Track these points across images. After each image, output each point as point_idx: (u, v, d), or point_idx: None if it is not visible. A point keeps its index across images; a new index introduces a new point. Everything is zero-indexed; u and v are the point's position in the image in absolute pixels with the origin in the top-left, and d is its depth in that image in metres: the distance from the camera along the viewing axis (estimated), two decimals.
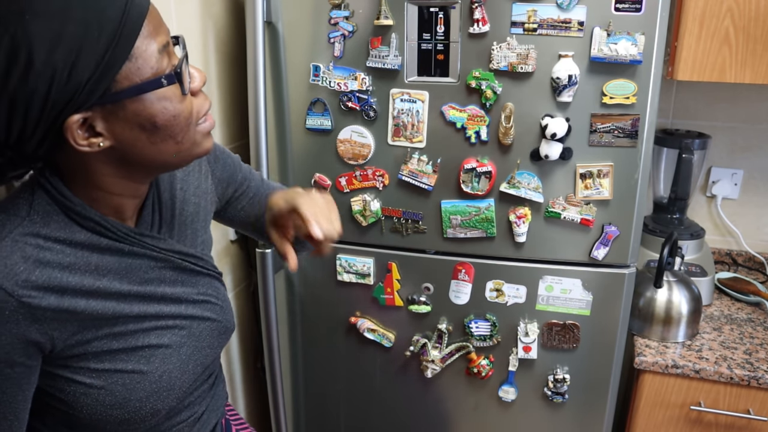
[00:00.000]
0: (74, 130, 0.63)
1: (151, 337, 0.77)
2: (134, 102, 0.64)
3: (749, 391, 1.30)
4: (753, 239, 1.78)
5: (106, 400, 0.74)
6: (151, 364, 0.76)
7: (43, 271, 0.67)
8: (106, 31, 0.60)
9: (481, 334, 1.40)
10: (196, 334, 0.83)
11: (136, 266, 0.76)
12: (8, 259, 0.65)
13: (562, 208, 1.28)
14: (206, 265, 0.86)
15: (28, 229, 0.67)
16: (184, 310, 0.81)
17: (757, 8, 1.26)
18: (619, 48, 1.15)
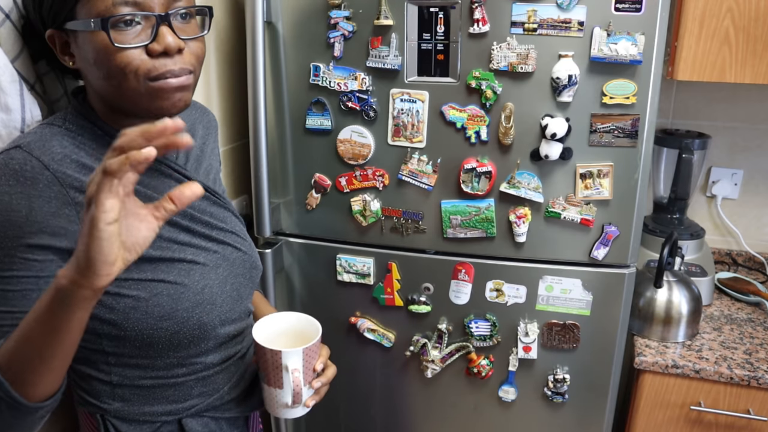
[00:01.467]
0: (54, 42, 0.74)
1: (187, 252, 0.81)
2: (81, 35, 0.71)
3: (749, 391, 1.30)
4: (753, 239, 1.78)
5: (155, 312, 0.77)
6: (191, 278, 0.80)
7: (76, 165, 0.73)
8: None
9: (481, 334, 1.40)
10: (230, 260, 0.88)
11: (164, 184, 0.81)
12: (46, 141, 0.72)
13: (562, 208, 1.28)
14: (229, 206, 0.92)
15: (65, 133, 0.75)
16: (215, 235, 0.86)
17: (757, 8, 1.26)
18: (619, 48, 1.15)
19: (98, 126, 0.77)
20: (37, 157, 0.70)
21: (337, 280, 1.46)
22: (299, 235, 1.47)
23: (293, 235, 1.47)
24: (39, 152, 0.71)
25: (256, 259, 0.95)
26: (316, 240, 1.46)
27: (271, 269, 1.43)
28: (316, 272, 1.48)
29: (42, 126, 0.76)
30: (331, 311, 1.50)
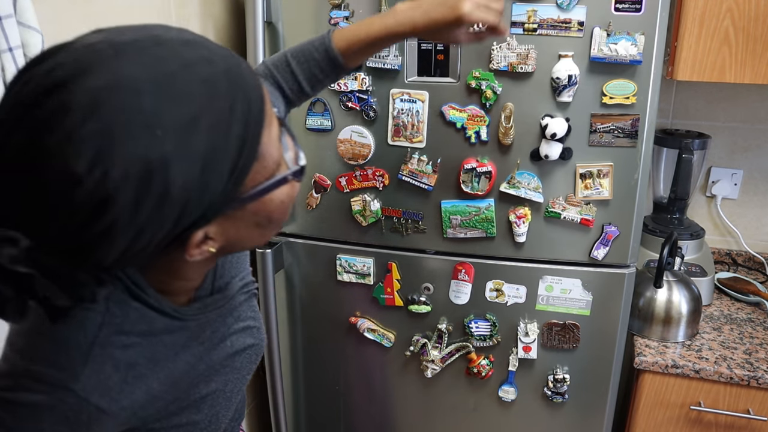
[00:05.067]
0: (193, 244, 0.56)
1: (200, 387, 0.73)
2: (258, 202, 0.57)
3: (749, 391, 1.30)
4: (753, 239, 1.78)
5: None
6: (201, 413, 0.73)
7: (134, 373, 0.63)
8: (234, 133, 0.52)
9: (481, 334, 1.40)
10: (238, 367, 0.79)
11: (196, 332, 0.72)
12: (101, 373, 0.60)
13: (562, 208, 1.28)
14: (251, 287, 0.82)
15: (111, 328, 0.61)
16: (229, 349, 0.77)
17: (756, 8, 1.26)
18: (619, 48, 1.15)
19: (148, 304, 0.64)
20: (96, 404, 0.59)
21: (337, 280, 1.46)
22: (299, 235, 1.47)
23: (293, 235, 1.47)
24: (97, 396, 0.59)
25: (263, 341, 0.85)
26: (316, 240, 1.46)
27: (271, 269, 1.43)
28: (316, 272, 1.48)
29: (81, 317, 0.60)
30: (331, 311, 1.50)
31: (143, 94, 0.47)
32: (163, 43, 0.51)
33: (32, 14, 0.84)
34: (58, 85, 0.47)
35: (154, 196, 0.48)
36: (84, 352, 0.59)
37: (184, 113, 0.49)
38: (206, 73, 0.51)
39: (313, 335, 1.55)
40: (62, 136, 0.45)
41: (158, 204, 0.49)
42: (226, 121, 0.51)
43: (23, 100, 0.47)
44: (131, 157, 0.47)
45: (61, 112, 0.46)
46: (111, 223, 0.48)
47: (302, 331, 1.56)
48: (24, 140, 0.46)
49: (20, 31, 0.83)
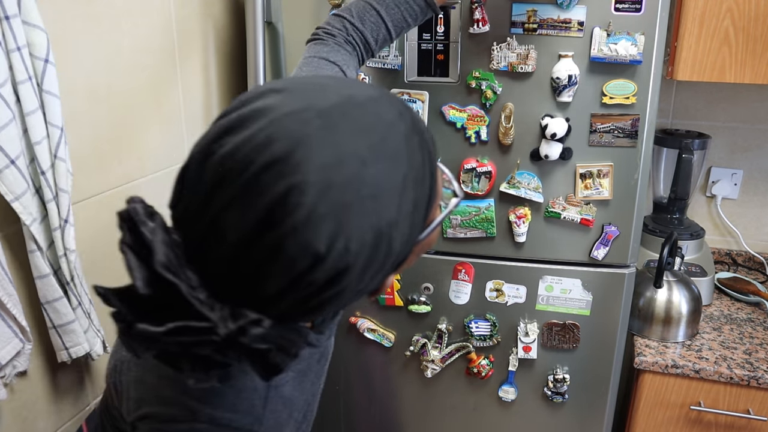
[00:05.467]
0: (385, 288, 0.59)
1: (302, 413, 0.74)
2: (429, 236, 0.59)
3: (749, 391, 1.30)
4: (753, 239, 1.78)
5: None
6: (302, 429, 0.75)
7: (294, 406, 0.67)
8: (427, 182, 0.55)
9: (481, 334, 1.40)
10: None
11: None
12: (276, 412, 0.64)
13: (562, 208, 1.28)
14: None
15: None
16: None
17: (756, 8, 1.26)
18: (619, 48, 1.15)
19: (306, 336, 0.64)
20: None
21: None
22: None
23: None
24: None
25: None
26: None
27: None
28: None
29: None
30: None
31: (367, 165, 0.48)
32: (361, 105, 0.51)
33: (36, 13, 0.84)
34: (278, 161, 0.46)
35: (380, 259, 0.51)
36: (263, 396, 0.62)
37: (398, 175, 0.50)
38: (403, 129, 0.53)
39: None
40: (301, 217, 0.46)
41: (382, 265, 0.52)
42: (422, 172, 0.53)
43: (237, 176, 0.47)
44: (365, 227, 0.48)
45: (296, 193, 0.46)
46: (341, 290, 0.50)
47: None
48: (257, 222, 0.46)
49: (25, 30, 0.84)
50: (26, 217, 0.85)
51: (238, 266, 0.48)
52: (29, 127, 0.85)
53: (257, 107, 0.50)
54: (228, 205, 0.47)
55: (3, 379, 0.88)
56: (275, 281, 0.48)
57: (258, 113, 0.49)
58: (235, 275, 0.48)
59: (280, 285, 0.48)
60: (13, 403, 0.96)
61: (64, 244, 0.91)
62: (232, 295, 0.49)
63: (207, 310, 0.47)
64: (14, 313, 0.86)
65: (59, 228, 0.90)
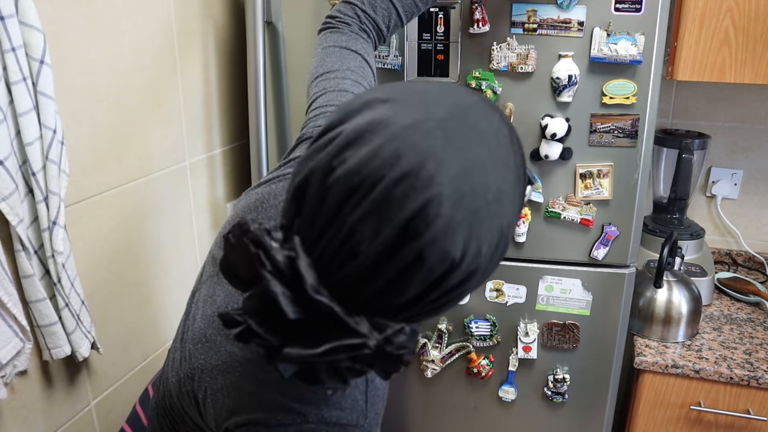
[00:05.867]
0: None
1: None
2: None
3: (749, 391, 1.30)
4: (753, 239, 1.78)
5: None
6: None
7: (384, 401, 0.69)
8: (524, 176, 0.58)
9: (481, 334, 1.40)
10: None
11: None
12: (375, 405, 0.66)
13: (562, 208, 1.28)
14: None
15: None
16: None
17: (756, 8, 1.26)
18: (619, 48, 1.15)
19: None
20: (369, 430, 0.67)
21: None
22: None
23: None
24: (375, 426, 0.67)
25: None
26: None
27: None
28: None
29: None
30: None
31: (489, 171, 0.51)
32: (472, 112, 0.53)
33: (34, 14, 0.84)
34: (410, 174, 0.48)
35: (499, 257, 0.54)
36: (363, 391, 0.65)
37: (512, 176, 0.53)
38: (506, 131, 0.55)
39: None
40: (440, 228, 0.48)
41: (497, 262, 0.55)
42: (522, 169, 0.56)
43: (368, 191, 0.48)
44: (493, 230, 0.51)
45: (434, 205, 0.47)
46: (465, 290, 0.53)
47: None
48: (397, 235, 0.48)
49: (22, 30, 0.83)
50: (12, 218, 0.85)
51: (375, 278, 0.49)
52: (22, 129, 0.85)
53: (372, 120, 0.51)
54: (361, 220, 0.48)
55: (3, 378, 0.88)
56: (412, 290, 0.49)
57: (375, 126, 0.50)
58: (372, 287, 0.49)
59: (416, 292, 0.50)
60: (13, 402, 0.96)
61: (52, 245, 0.91)
62: (365, 308, 0.50)
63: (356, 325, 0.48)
64: (14, 312, 0.86)
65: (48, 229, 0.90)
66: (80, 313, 0.99)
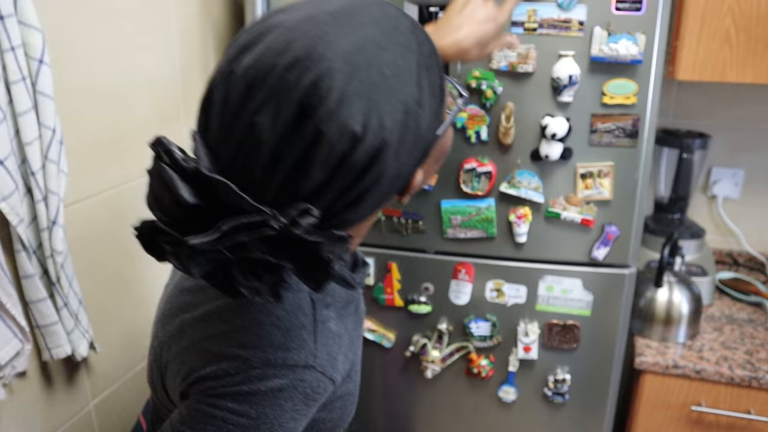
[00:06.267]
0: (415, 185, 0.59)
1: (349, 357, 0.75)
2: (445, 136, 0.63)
3: (750, 392, 1.30)
4: (754, 239, 1.78)
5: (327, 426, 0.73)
6: (353, 381, 0.76)
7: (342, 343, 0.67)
8: (437, 72, 0.58)
9: (481, 334, 1.40)
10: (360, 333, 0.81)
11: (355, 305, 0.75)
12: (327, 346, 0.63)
13: (562, 208, 1.28)
14: None
15: (320, 303, 0.65)
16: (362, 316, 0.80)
17: (758, 8, 1.26)
18: (619, 48, 1.15)
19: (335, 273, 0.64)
20: (330, 376, 0.64)
21: None
22: None
23: None
24: (330, 368, 0.64)
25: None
26: None
27: None
28: None
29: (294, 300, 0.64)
30: None
31: (383, 49, 0.52)
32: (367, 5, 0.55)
33: (33, 13, 0.84)
34: (301, 58, 0.49)
35: (411, 138, 0.53)
36: (310, 331, 0.63)
37: (412, 59, 0.54)
38: (408, 23, 0.57)
39: None
40: (335, 100, 0.48)
41: (413, 146, 0.54)
42: (431, 61, 0.57)
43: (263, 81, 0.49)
44: (395, 104, 0.51)
45: (326, 80, 0.48)
46: (379, 174, 0.52)
47: None
48: (293, 116, 0.49)
49: (21, 30, 0.83)
50: (13, 218, 0.85)
51: (279, 165, 0.49)
52: (21, 128, 0.85)
53: (267, 24, 0.53)
54: (259, 109, 0.49)
55: (2, 379, 0.88)
56: (318, 171, 0.49)
57: (270, 27, 0.52)
58: (278, 175, 0.50)
59: (323, 174, 0.50)
60: (13, 403, 0.96)
61: (51, 245, 0.91)
62: (273, 199, 0.50)
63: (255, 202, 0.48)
64: (13, 313, 0.86)
65: (47, 229, 0.90)
66: (78, 313, 0.99)
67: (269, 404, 0.60)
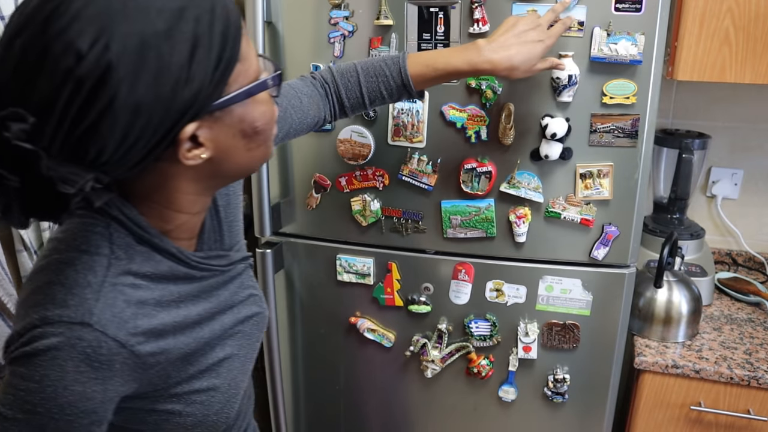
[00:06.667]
0: (184, 142, 0.59)
1: (216, 351, 0.75)
2: (241, 106, 0.62)
3: (749, 391, 1.30)
4: (753, 239, 1.78)
5: (187, 422, 0.73)
6: (221, 377, 0.75)
7: (143, 312, 0.65)
8: (217, 29, 0.58)
9: (481, 334, 1.40)
10: (248, 333, 0.82)
11: (204, 288, 0.74)
12: (114, 307, 0.62)
13: (562, 208, 1.28)
14: (246, 260, 0.84)
15: (118, 269, 0.64)
16: (237, 314, 0.80)
17: (757, 8, 1.26)
18: (619, 48, 1.15)
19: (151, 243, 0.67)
20: (113, 336, 0.61)
21: (337, 280, 1.46)
22: (299, 235, 1.47)
23: (293, 235, 1.47)
24: (114, 328, 0.61)
25: (265, 311, 0.88)
26: (316, 240, 1.46)
27: (271, 269, 1.43)
28: (316, 272, 1.48)
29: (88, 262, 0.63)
30: (331, 311, 1.50)
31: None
32: None
33: None
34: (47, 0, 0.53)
35: (150, 70, 0.54)
36: (95, 290, 0.62)
37: (176, 4, 0.56)
38: None
39: (313, 335, 1.55)
40: (67, 20, 0.52)
41: (155, 78, 0.54)
42: (208, 16, 0.57)
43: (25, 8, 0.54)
44: (129, 32, 0.53)
45: (67, 1, 0.52)
46: (111, 98, 0.52)
47: (302, 331, 1.56)
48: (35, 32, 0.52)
49: None
50: None
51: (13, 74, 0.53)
52: None
53: None
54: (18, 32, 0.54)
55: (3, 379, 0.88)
56: (44, 83, 0.52)
57: None
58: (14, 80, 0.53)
59: (49, 87, 0.52)
60: None
61: None
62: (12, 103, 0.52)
63: None
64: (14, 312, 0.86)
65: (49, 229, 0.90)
66: None
67: (50, 365, 0.59)
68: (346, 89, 1.01)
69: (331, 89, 1.02)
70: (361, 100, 1.02)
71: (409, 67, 0.99)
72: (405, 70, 0.99)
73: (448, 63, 0.98)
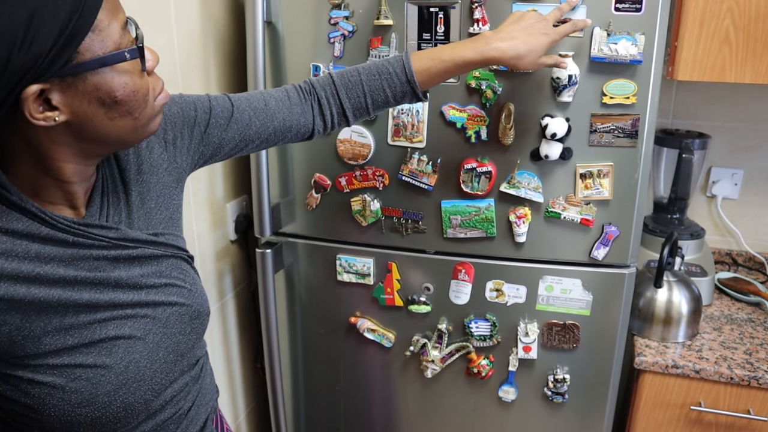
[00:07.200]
0: (30, 102, 0.61)
1: (109, 328, 0.73)
2: (95, 75, 0.64)
3: (749, 391, 1.30)
4: (753, 239, 1.78)
5: (72, 399, 0.71)
6: (114, 357, 0.73)
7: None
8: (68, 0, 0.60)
9: (481, 334, 1.40)
10: (163, 321, 0.80)
11: (83, 255, 0.73)
12: None
13: (562, 208, 1.28)
14: (167, 249, 0.82)
15: None
16: (144, 297, 0.78)
17: (757, 8, 1.26)
18: (619, 48, 1.15)
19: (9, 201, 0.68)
20: None
21: (337, 280, 1.46)
22: (299, 235, 1.47)
23: (293, 235, 1.47)
24: None
25: (199, 306, 0.85)
26: (316, 240, 1.46)
27: (271, 269, 1.43)
28: (316, 272, 1.48)
29: None
30: (331, 311, 1.50)
31: None
32: None
33: None
34: None
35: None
36: None
37: None
38: None
39: (313, 335, 1.55)
40: None
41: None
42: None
43: None
44: None
45: None
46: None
47: (302, 331, 1.56)
48: None
49: None
50: None
51: None
52: None
53: None
54: None
55: None
56: None
57: None
58: None
59: None
60: None
61: None
62: None
63: None
64: None
65: None
66: None
67: None
68: (347, 90, 0.99)
69: (327, 93, 1.00)
70: (363, 102, 1.00)
71: (414, 63, 0.98)
72: (409, 66, 0.98)
73: (455, 53, 0.98)
